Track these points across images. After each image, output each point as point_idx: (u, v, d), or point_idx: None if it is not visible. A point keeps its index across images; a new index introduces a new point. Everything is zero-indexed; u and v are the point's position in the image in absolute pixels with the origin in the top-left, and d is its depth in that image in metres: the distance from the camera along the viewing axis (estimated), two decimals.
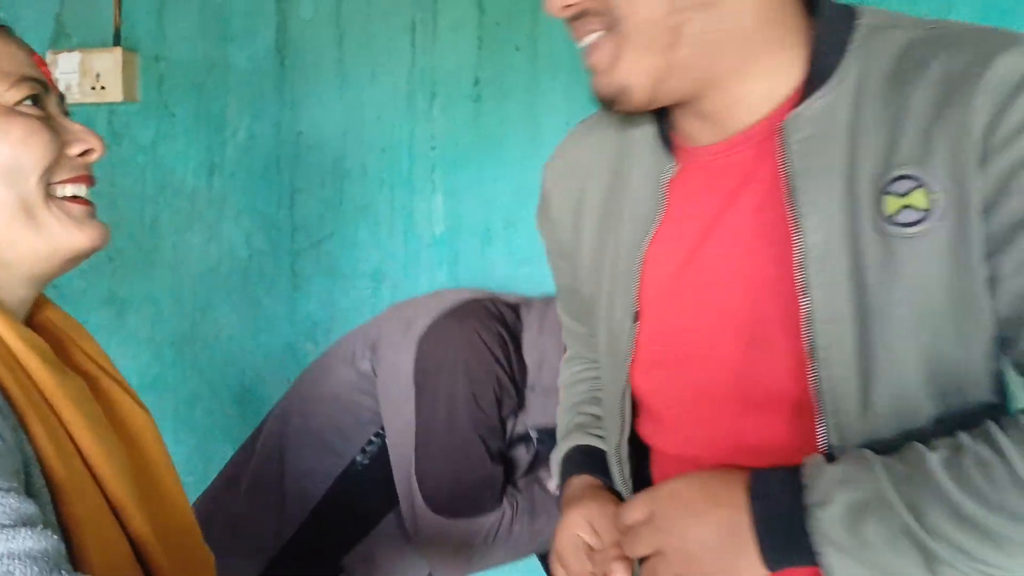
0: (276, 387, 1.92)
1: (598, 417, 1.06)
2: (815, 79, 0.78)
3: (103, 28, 1.99)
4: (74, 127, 0.85)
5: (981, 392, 0.73)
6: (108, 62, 1.94)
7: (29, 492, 0.70)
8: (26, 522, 0.63)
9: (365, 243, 1.90)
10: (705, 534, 0.74)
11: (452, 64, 1.81)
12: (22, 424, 0.73)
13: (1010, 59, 0.69)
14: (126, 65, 1.94)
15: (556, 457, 1.11)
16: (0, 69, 0.80)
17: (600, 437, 1.03)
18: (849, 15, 0.80)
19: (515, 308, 1.55)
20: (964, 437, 0.69)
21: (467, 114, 1.80)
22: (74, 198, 0.83)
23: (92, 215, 0.85)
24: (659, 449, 0.93)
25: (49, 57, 1.98)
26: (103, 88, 1.95)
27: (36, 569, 0.61)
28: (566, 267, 1.04)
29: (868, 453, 0.71)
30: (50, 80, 0.86)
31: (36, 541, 0.63)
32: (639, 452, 0.95)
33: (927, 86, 0.72)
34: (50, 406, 0.76)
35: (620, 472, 0.95)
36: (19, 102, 0.80)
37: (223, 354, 1.99)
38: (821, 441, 0.75)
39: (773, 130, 0.80)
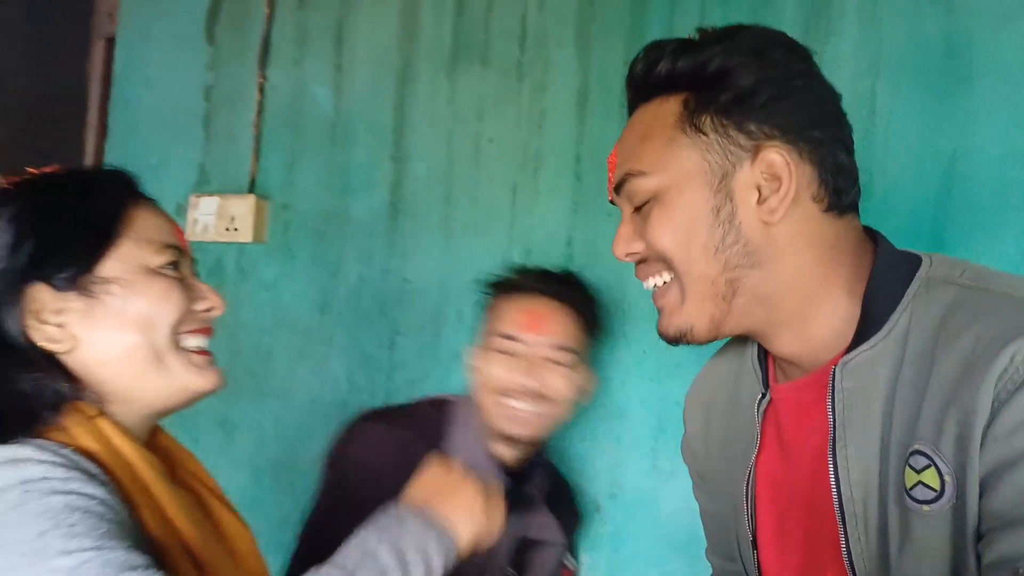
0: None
1: None
2: (866, 328, 0.83)
3: (240, 177, 2.22)
4: (201, 287, 1.00)
5: None
6: (243, 207, 2.15)
7: None
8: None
9: (457, 387, 1.99)
10: None
11: (548, 225, 1.94)
12: (145, 533, 0.84)
13: (1023, 346, 0.71)
14: (258, 210, 2.15)
15: None
16: (148, 237, 0.94)
17: None
18: (912, 264, 0.85)
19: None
20: None
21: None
22: (198, 350, 0.97)
23: (212, 363, 0.99)
24: None
25: (192, 200, 2.21)
26: (236, 229, 2.16)
27: None
28: (708, 493, 1.10)
29: None
30: (186, 247, 1.01)
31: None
32: None
33: (954, 359, 0.76)
34: (165, 517, 0.88)
35: None
36: (162, 266, 0.94)
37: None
38: None
39: (829, 375, 0.85)
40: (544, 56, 1.95)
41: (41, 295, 0.89)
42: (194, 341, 0.97)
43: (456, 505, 0.98)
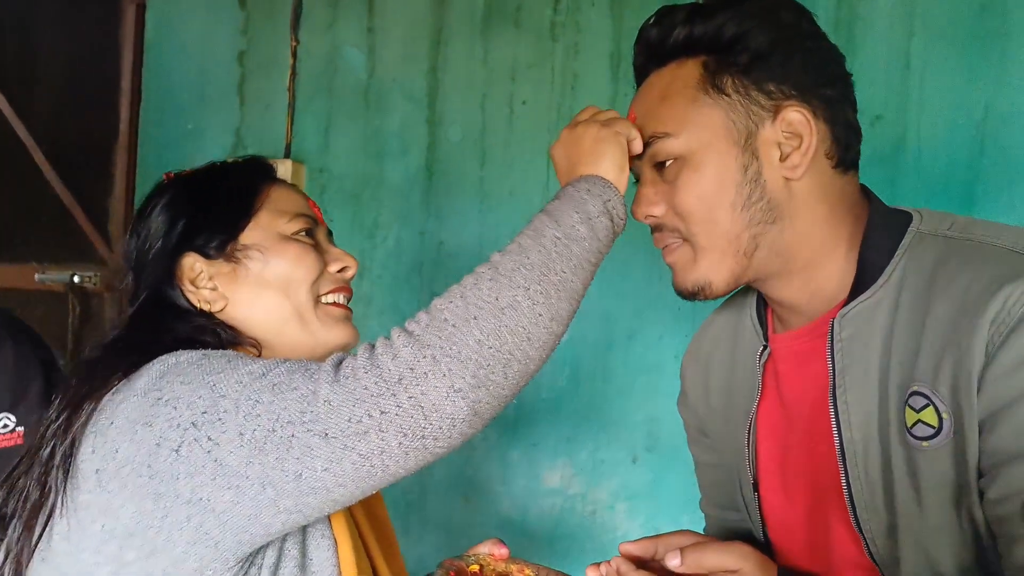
0: None
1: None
2: (862, 280, 0.88)
3: (276, 142, 2.25)
4: (335, 251, 1.09)
5: (988, 568, 0.81)
6: (280, 172, 2.18)
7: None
8: None
9: None
10: None
11: None
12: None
13: (1016, 291, 0.76)
14: (294, 175, 2.19)
15: None
16: (282, 209, 1.05)
17: None
18: (903, 219, 0.90)
19: None
20: None
21: None
22: (335, 304, 1.06)
23: (348, 319, 1.08)
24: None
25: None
26: None
27: None
28: (704, 443, 1.15)
29: None
30: (319, 217, 1.12)
31: None
32: None
33: (948, 304, 0.81)
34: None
35: None
36: (295, 233, 1.04)
37: None
38: None
39: (827, 326, 0.90)
40: (577, 18, 1.97)
41: (195, 264, 1.01)
42: (332, 297, 1.06)
43: (609, 159, 0.92)
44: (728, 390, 1.07)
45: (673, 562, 0.87)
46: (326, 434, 0.76)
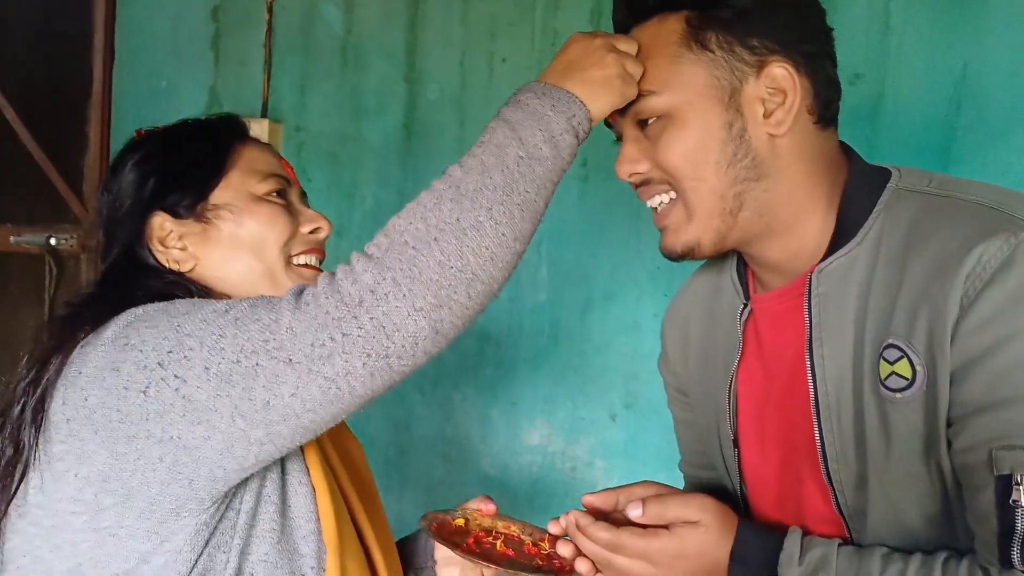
0: (385, 430, 2.10)
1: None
2: (840, 236, 0.89)
3: (252, 100, 2.24)
4: (308, 212, 1.08)
5: (952, 524, 0.85)
6: (256, 131, 2.15)
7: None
8: None
9: None
10: (691, 571, 0.88)
11: None
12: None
13: (992, 246, 0.78)
14: (271, 134, 2.18)
15: None
16: (253, 168, 1.04)
17: None
18: (882, 176, 0.91)
19: None
20: (914, 565, 0.82)
21: (574, 193, 1.96)
22: (306, 265, 1.05)
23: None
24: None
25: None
26: None
27: None
28: (683, 402, 1.17)
29: (834, 553, 0.85)
30: (292, 177, 1.11)
31: None
32: None
33: (924, 260, 0.82)
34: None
35: None
36: (267, 193, 1.03)
37: None
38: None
39: (805, 282, 0.91)
40: None
41: (164, 223, 1.01)
42: (304, 259, 1.05)
43: (590, 75, 0.91)
44: (708, 349, 1.08)
45: (634, 512, 0.89)
46: (291, 360, 0.77)
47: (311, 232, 1.06)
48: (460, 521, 1.12)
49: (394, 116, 2.12)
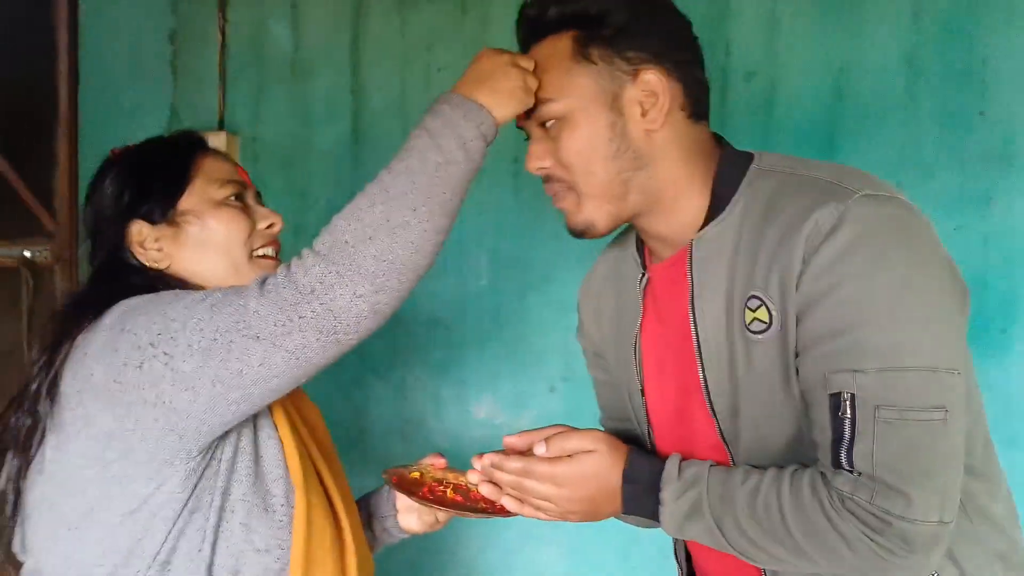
0: (345, 413, 2.25)
1: None
2: (714, 210, 1.06)
3: (209, 114, 2.36)
4: (262, 210, 1.23)
5: (806, 443, 1.00)
6: (214, 143, 2.27)
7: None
8: None
9: (422, 294, 2.20)
10: (590, 491, 1.05)
11: (496, 145, 2.12)
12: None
13: (825, 212, 0.94)
14: (229, 145, 2.31)
15: None
16: (213, 177, 1.19)
17: None
18: (746, 160, 1.08)
19: None
20: (769, 476, 0.98)
21: (509, 187, 2.14)
22: (266, 256, 1.21)
23: (277, 267, 1.22)
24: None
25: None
26: None
27: None
28: (600, 364, 1.33)
29: (706, 471, 1.02)
30: (248, 181, 1.26)
31: None
32: None
33: (777, 226, 0.98)
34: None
35: None
36: (226, 198, 1.18)
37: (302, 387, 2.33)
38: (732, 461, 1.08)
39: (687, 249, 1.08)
40: None
41: (141, 229, 1.16)
42: (263, 251, 1.21)
43: (496, 86, 1.06)
44: (617, 315, 1.24)
45: (539, 449, 1.05)
46: (258, 337, 0.96)
47: (267, 227, 1.22)
48: (416, 474, 1.29)
49: (342, 124, 2.27)
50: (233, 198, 1.20)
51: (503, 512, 1.13)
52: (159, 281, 1.14)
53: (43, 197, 2.55)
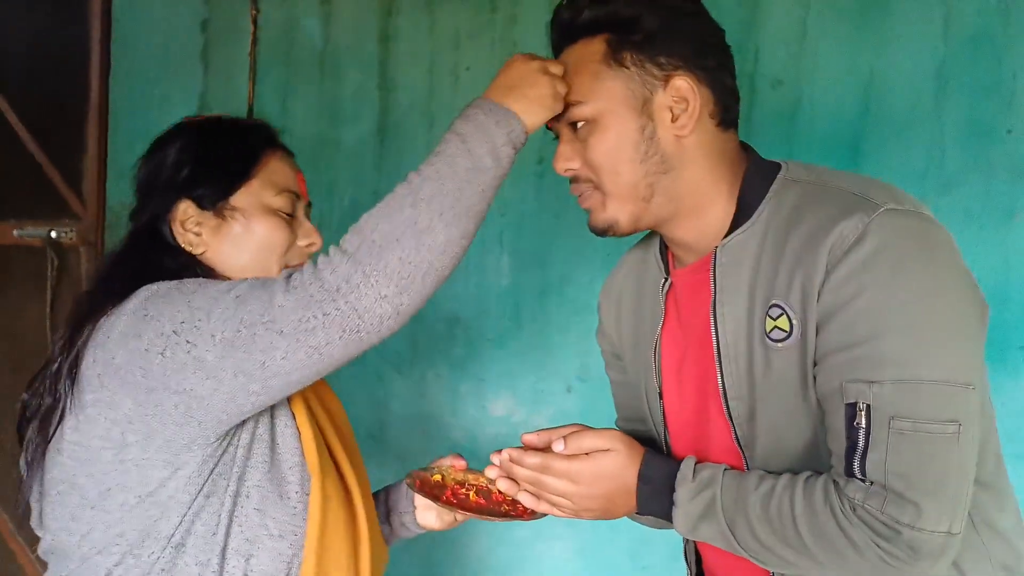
0: (367, 408, 2.28)
1: None
2: (739, 218, 1.07)
3: (238, 106, 2.40)
4: (307, 226, 1.22)
5: (821, 450, 1.02)
6: None
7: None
8: None
9: (443, 293, 2.21)
10: (606, 489, 1.07)
11: None
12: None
13: (849, 224, 0.95)
14: None
15: None
16: (272, 180, 1.19)
17: None
18: (773, 169, 1.09)
19: None
20: (782, 481, 0.99)
21: (531, 188, 2.15)
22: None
23: None
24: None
25: None
26: None
27: None
28: (618, 365, 1.34)
29: (720, 474, 1.03)
30: (303, 191, 1.25)
31: None
32: None
33: (800, 235, 1.00)
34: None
35: None
36: (278, 208, 1.18)
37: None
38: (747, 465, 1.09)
39: (712, 255, 1.09)
40: None
41: (188, 209, 1.15)
42: (295, 265, 1.19)
43: (527, 93, 1.07)
44: (637, 318, 1.26)
45: (558, 447, 1.06)
46: (282, 332, 0.97)
47: (306, 245, 1.21)
48: (437, 477, 1.31)
49: (368, 121, 2.29)
50: (286, 207, 1.19)
51: (526, 515, 1.14)
52: (187, 266, 1.14)
53: (72, 181, 2.61)
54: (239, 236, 1.16)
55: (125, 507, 1.03)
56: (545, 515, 1.13)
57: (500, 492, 1.17)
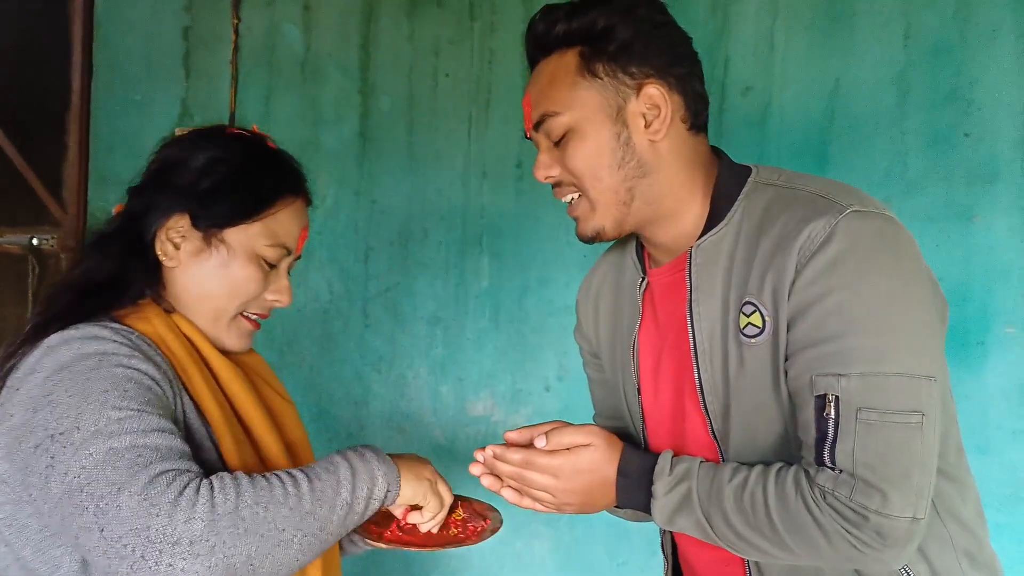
0: (346, 408, 2.31)
1: None
2: (712, 220, 1.11)
3: (221, 111, 2.42)
4: (282, 283, 1.19)
5: (791, 442, 1.05)
6: None
7: (191, 442, 1.03)
8: (182, 456, 0.96)
9: (424, 293, 2.29)
10: (587, 483, 1.10)
11: (500, 150, 2.21)
12: (193, 400, 1.09)
13: (817, 226, 0.99)
14: None
15: None
16: (274, 231, 1.15)
17: None
18: (744, 172, 1.13)
19: None
20: (755, 472, 1.02)
21: (510, 191, 2.20)
22: (248, 319, 1.18)
23: (252, 334, 1.21)
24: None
25: (176, 133, 2.42)
26: None
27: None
28: (596, 364, 1.38)
29: (696, 466, 1.07)
30: (299, 248, 1.22)
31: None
32: None
33: (771, 237, 1.04)
34: (220, 381, 1.15)
35: None
36: (265, 259, 1.15)
37: (304, 380, 2.39)
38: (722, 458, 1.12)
39: (687, 256, 1.13)
40: (493, 0, 2.20)
41: (181, 221, 1.12)
42: (251, 315, 1.19)
43: (417, 473, 1.13)
44: (615, 317, 1.29)
45: (539, 443, 1.10)
46: (103, 529, 0.89)
47: (271, 300, 1.19)
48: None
49: (350, 125, 2.33)
50: (272, 259, 1.17)
51: (472, 536, 1.18)
52: (148, 280, 1.12)
53: (52, 186, 2.59)
54: (214, 269, 1.13)
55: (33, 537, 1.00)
56: (485, 540, 1.17)
57: (449, 513, 1.20)
